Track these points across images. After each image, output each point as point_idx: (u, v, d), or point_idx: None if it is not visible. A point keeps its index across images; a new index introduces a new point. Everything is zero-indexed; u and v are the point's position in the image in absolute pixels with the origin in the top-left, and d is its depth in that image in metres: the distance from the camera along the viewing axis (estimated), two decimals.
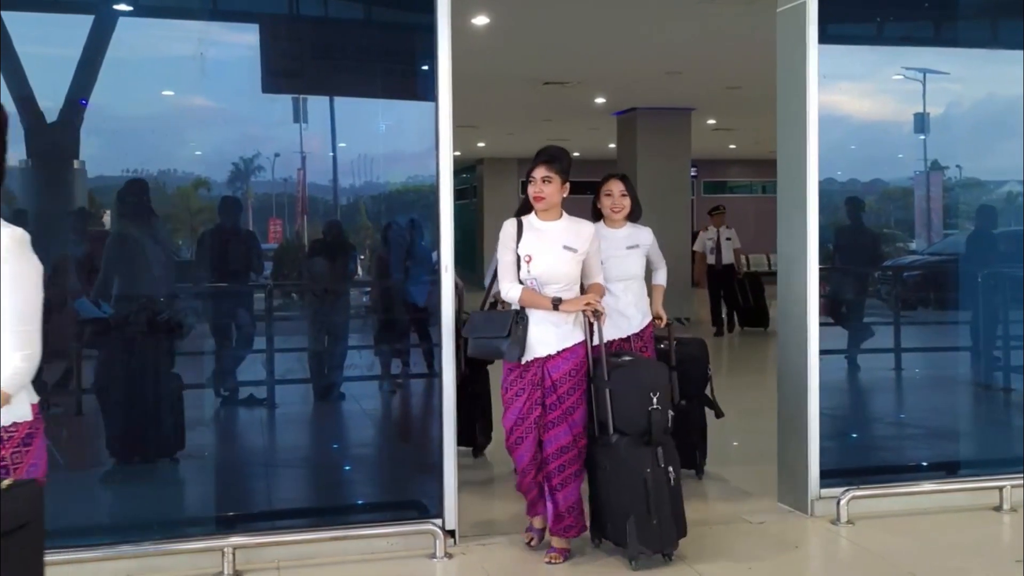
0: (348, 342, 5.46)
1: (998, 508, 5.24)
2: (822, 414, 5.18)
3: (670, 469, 4.32)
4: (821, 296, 5.24)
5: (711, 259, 13.37)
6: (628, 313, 5.06)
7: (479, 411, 6.12)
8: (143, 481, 5.07)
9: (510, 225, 4.42)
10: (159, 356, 5.18)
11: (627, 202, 5.07)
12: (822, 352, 5.19)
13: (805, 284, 5.17)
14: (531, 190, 4.37)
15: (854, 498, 5.09)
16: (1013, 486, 5.26)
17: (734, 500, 5.47)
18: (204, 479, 4.99)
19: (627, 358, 4.55)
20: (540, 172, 4.34)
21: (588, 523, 4.50)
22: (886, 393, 6.66)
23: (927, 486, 5.41)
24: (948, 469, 5.66)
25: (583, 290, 4.50)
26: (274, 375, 5.54)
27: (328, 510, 5.04)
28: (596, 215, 5.12)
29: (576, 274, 4.43)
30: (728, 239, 13.36)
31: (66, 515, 4.72)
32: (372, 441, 5.61)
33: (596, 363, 4.39)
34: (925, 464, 5.77)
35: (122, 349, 4.99)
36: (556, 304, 4.29)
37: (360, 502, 5.19)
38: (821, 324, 5.21)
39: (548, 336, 4.33)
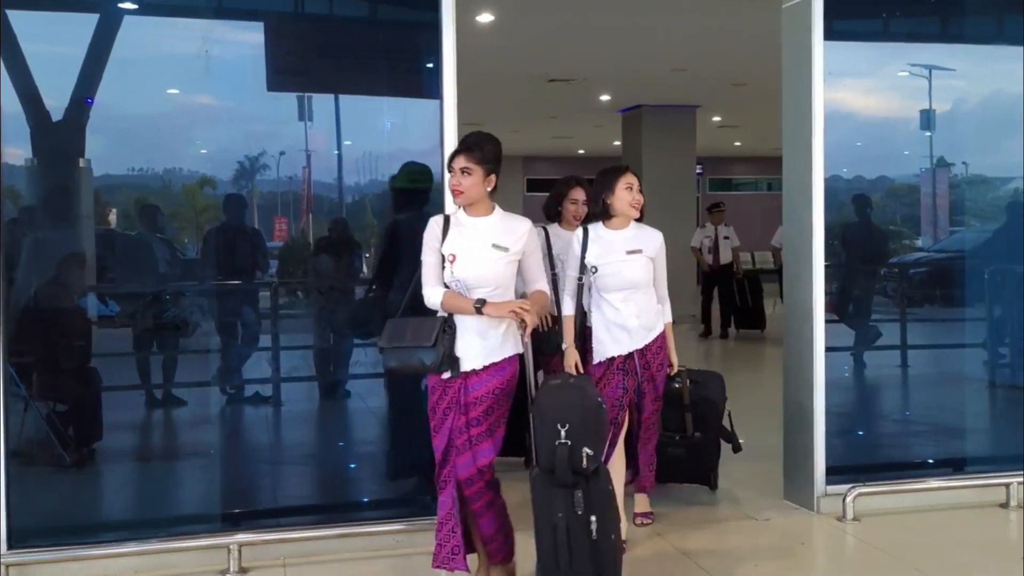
0: (353, 340, 5.46)
1: (1004, 505, 5.23)
2: (828, 411, 5.18)
3: (592, 519, 3.58)
4: (827, 293, 5.23)
5: (708, 258, 12.81)
6: (629, 326, 4.48)
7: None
8: (151, 479, 5.08)
9: (435, 222, 3.84)
10: (166, 353, 5.20)
11: (642, 199, 4.55)
12: (828, 349, 5.19)
13: (811, 281, 5.16)
14: (450, 182, 3.82)
15: (860, 495, 5.08)
16: (1019, 483, 5.25)
17: (740, 497, 5.47)
18: (210, 476, 5.00)
19: (567, 380, 3.89)
20: (458, 162, 3.76)
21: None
22: (892, 390, 6.64)
23: (933, 483, 5.40)
24: (954, 466, 5.66)
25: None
26: (280, 373, 5.55)
27: (334, 507, 5.05)
28: (601, 213, 4.54)
29: (507, 277, 3.80)
30: (726, 238, 12.75)
31: (75, 513, 4.75)
32: (377, 438, 5.61)
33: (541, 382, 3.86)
34: (931, 461, 5.75)
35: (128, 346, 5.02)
36: (479, 306, 3.67)
37: (365, 499, 5.19)
38: (827, 321, 5.20)
39: (472, 349, 3.73)
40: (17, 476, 4.34)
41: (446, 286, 3.78)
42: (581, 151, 22.52)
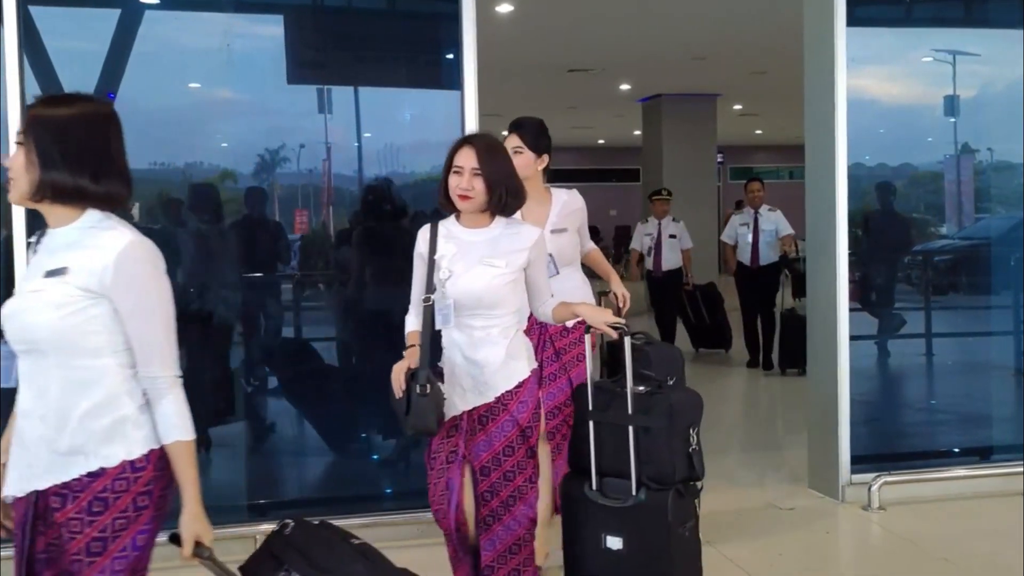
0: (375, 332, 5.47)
1: None
2: (853, 399, 5.15)
3: None
4: (850, 281, 5.20)
5: (648, 263, 9.66)
6: None
7: None
8: None
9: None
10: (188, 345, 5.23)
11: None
12: (852, 338, 5.16)
13: (835, 270, 5.13)
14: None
15: (885, 484, 5.06)
16: None
17: (764, 486, 5.45)
18: (235, 467, 5.03)
19: None
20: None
21: None
22: (917, 378, 6.60)
23: (959, 471, 5.37)
24: (980, 454, 5.63)
25: None
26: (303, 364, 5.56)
27: (358, 498, 5.07)
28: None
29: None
30: (673, 236, 9.55)
31: None
32: (402, 430, 5.62)
33: None
34: (957, 450, 5.72)
35: None
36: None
37: (389, 490, 5.21)
38: (851, 310, 5.17)
39: None
40: None
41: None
42: (601, 141, 22.45)
